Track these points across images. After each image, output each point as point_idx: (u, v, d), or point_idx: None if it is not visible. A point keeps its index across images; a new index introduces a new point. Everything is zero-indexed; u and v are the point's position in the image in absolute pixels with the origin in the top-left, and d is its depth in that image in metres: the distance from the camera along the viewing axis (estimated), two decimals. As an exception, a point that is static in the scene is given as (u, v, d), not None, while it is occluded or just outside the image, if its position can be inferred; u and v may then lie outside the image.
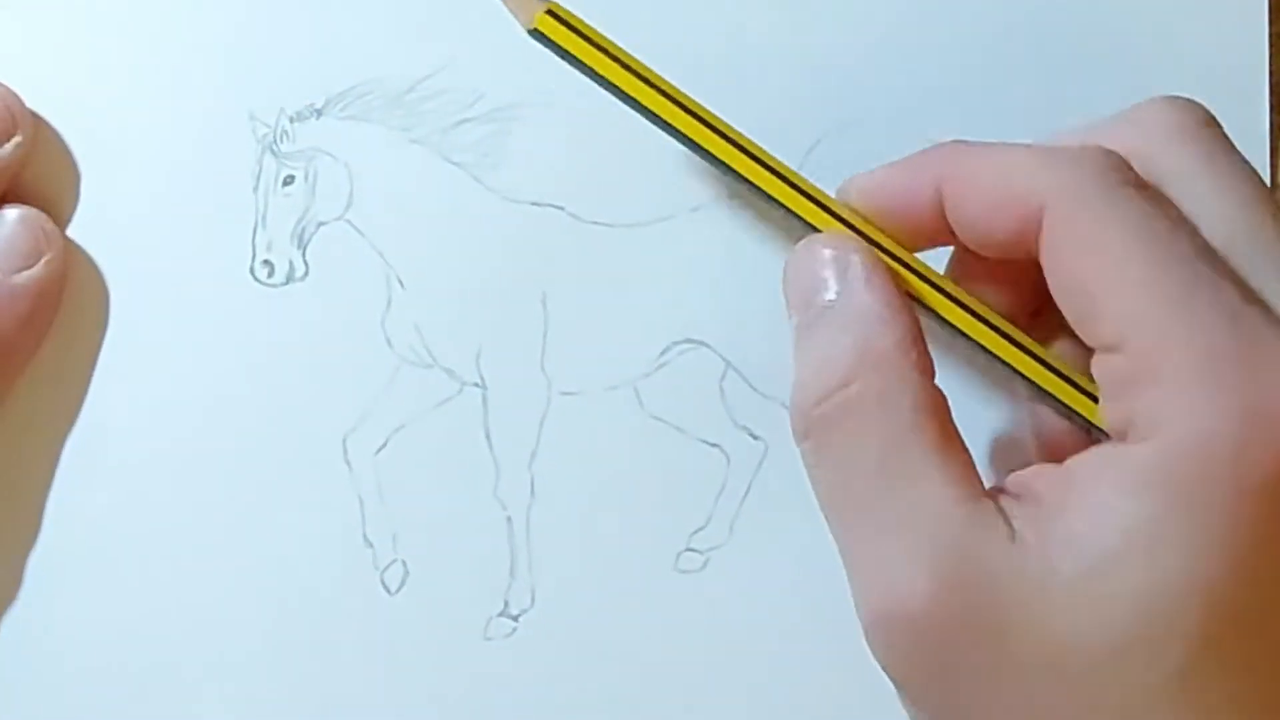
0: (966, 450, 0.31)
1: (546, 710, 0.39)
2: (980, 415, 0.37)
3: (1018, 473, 0.31)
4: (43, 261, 0.37)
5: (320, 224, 0.39)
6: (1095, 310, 0.30)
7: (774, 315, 0.35)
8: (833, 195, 0.34)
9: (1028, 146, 0.32)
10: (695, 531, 0.39)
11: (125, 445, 0.38)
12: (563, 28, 0.33)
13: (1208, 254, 0.30)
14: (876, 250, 0.33)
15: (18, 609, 0.38)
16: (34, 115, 0.38)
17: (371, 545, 0.39)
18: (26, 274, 0.37)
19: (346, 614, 0.39)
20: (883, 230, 0.33)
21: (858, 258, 0.32)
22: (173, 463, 0.38)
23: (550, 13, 0.33)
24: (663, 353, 0.39)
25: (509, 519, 0.39)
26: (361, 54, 0.38)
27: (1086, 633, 0.28)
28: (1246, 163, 0.32)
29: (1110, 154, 0.31)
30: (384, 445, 0.39)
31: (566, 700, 0.39)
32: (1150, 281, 0.29)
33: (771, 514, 0.38)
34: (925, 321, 0.33)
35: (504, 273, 0.39)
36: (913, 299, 0.33)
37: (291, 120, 0.38)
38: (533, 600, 0.39)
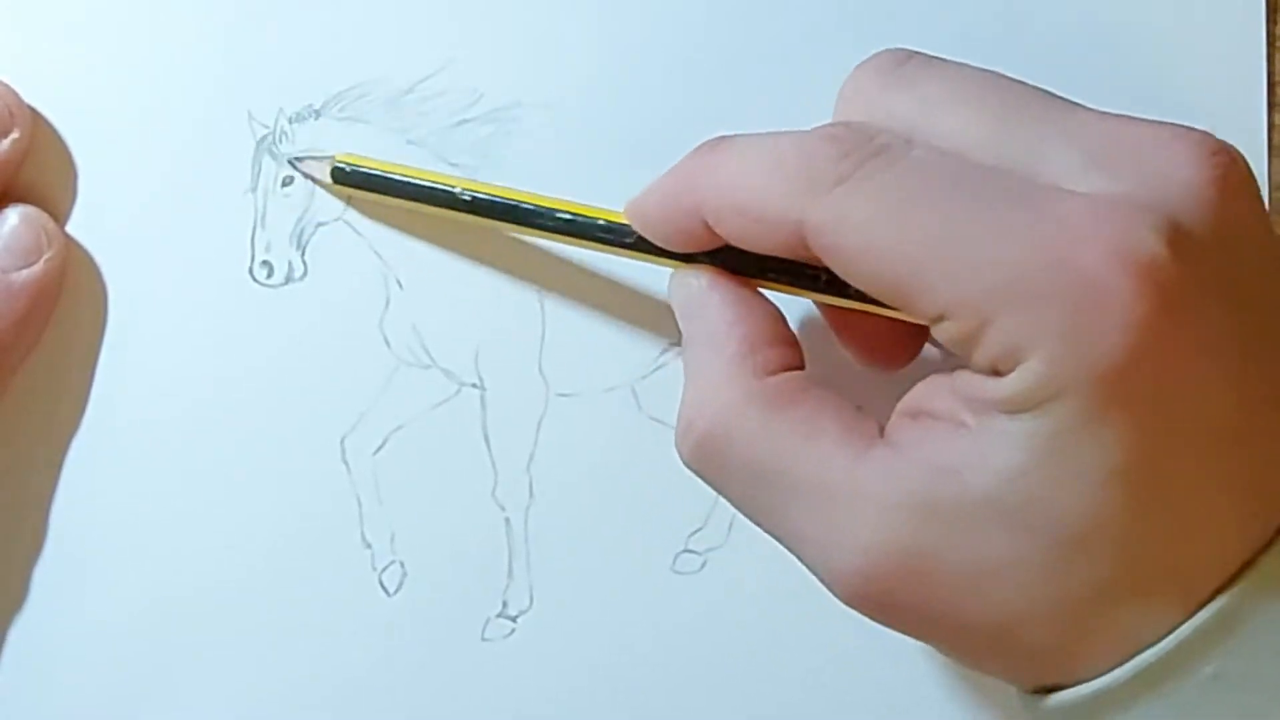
0: (840, 406, 0.32)
1: (544, 711, 0.39)
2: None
3: (914, 392, 0.32)
4: (43, 260, 0.37)
5: (319, 225, 0.39)
6: (899, 300, 0.30)
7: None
8: None
9: (778, 160, 0.32)
10: (693, 533, 0.38)
11: (122, 444, 0.38)
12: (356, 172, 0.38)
13: (958, 184, 0.30)
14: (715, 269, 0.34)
15: (13, 609, 0.39)
16: (33, 111, 0.38)
17: (369, 546, 0.39)
18: (26, 272, 0.37)
19: (344, 615, 0.39)
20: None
21: (696, 282, 0.34)
22: (170, 462, 0.39)
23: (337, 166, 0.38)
24: (660, 354, 0.39)
25: (507, 520, 0.39)
26: (360, 54, 0.38)
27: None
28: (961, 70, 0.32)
29: (834, 143, 0.31)
30: (382, 446, 0.39)
31: (564, 701, 0.39)
32: (925, 255, 0.29)
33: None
34: None
35: (502, 273, 0.39)
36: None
37: (290, 121, 0.38)
38: (531, 601, 0.39)
